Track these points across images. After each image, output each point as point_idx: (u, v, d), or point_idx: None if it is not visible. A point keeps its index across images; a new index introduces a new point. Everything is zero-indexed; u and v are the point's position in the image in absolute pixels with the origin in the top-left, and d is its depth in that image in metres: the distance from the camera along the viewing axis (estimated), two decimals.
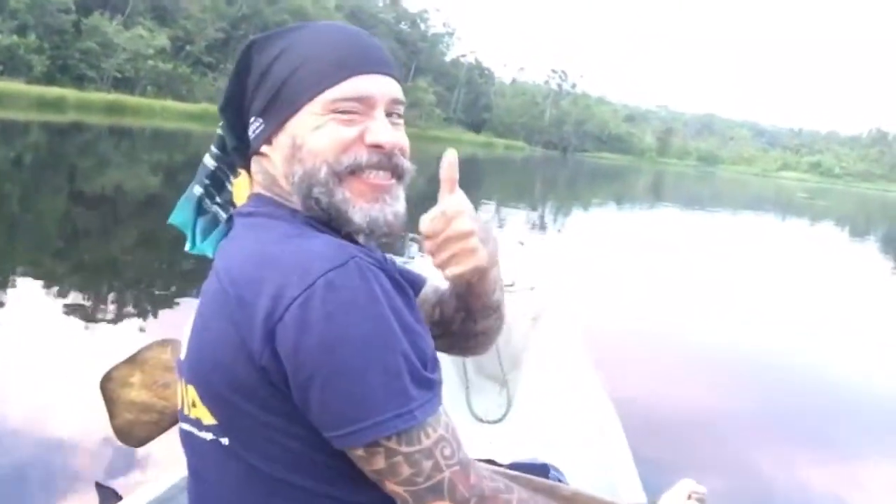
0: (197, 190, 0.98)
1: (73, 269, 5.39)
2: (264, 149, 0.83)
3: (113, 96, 35.94)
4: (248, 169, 0.89)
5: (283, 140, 0.81)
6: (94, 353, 3.17)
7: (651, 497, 1.06)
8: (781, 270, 9.85)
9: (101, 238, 6.78)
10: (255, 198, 0.86)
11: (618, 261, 8.52)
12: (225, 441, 0.76)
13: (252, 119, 0.83)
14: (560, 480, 1.09)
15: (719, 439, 3.41)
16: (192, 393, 0.79)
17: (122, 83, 42.26)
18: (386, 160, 0.80)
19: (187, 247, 1.02)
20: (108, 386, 1.85)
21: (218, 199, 0.99)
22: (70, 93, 31.53)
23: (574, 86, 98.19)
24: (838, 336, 6.02)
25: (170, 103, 39.22)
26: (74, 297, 4.47)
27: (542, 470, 1.08)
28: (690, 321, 5.94)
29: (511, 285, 2.55)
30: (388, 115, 0.82)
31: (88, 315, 4.08)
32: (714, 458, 3.16)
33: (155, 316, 4.34)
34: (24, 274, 4.94)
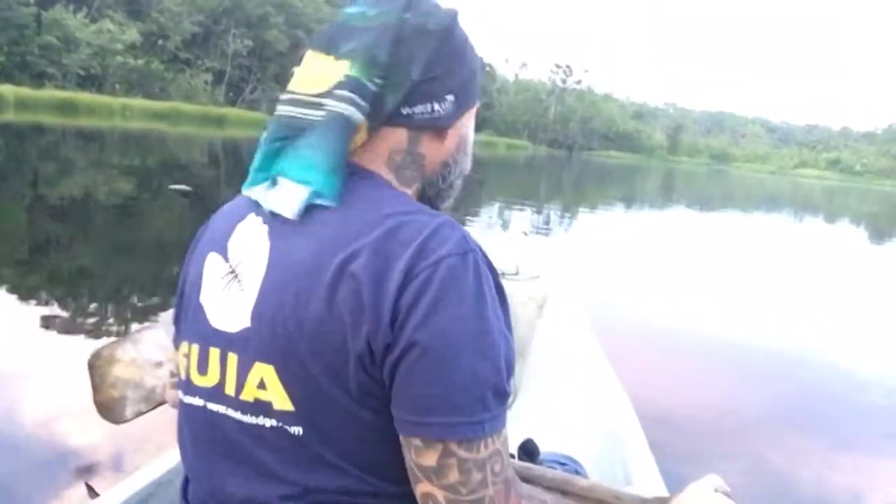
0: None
1: (45, 279, 4.98)
2: (446, 128, 0.83)
3: (66, 94, 32.91)
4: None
5: (459, 128, 0.85)
6: (71, 365, 2.81)
7: (671, 488, 1.05)
8: (806, 267, 9.94)
9: (70, 247, 6.24)
10: (367, 170, 0.80)
11: (628, 259, 8.37)
12: (297, 430, 0.73)
13: (446, 93, 0.80)
14: (578, 472, 1.15)
15: (734, 430, 3.38)
16: (260, 372, 0.73)
17: (88, 81, 39.50)
18: None
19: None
20: (96, 363, 1.82)
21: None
22: (7, 89, 28.23)
23: (579, 82, 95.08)
24: (855, 329, 6.05)
25: (134, 101, 36.31)
26: (50, 309, 4.15)
27: (569, 465, 1.13)
28: (703, 314, 5.86)
29: (515, 274, 2.66)
30: None
31: (63, 327, 3.80)
32: (730, 448, 3.15)
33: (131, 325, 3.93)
34: None
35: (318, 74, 0.78)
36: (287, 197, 0.76)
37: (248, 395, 0.74)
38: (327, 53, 0.79)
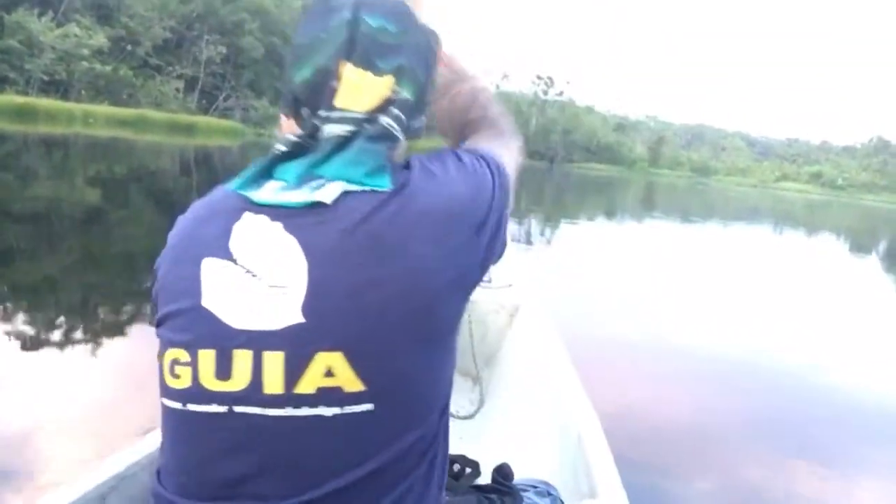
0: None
1: (7, 291, 4.81)
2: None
3: (24, 99, 31.98)
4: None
5: None
6: (34, 379, 3.11)
7: (634, 500, 1.12)
8: (783, 280, 10.03)
9: (33, 257, 5.97)
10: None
11: (603, 270, 8.55)
12: (367, 407, 0.77)
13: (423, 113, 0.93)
14: (550, 493, 1.21)
15: (701, 443, 3.41)
16: (325, 360, 0.76)
17: (52, 86, 38.72)
18: None
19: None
20: None
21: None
22: None
23: (561, 93, 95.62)
24: (830, 343, 6.11)
25: (97, 108, 35.50)
26: (12, 323, 3.94)
27: (541, 487, 1.21)
28: (676, 327, 5.88)
29: (488, 281, 2.59)
30: None
31: (27, 340, 3.68)
32: (696, 461, 3.18)
33: (104, 340, 3.83)
34: None
35: (363, 91, 0.84)
36: (326, 188, 0.80)
37: (309, 386, 0.76)
38: (365, 68, 0.84)
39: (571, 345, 2.39)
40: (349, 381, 0.76)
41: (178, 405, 0.81)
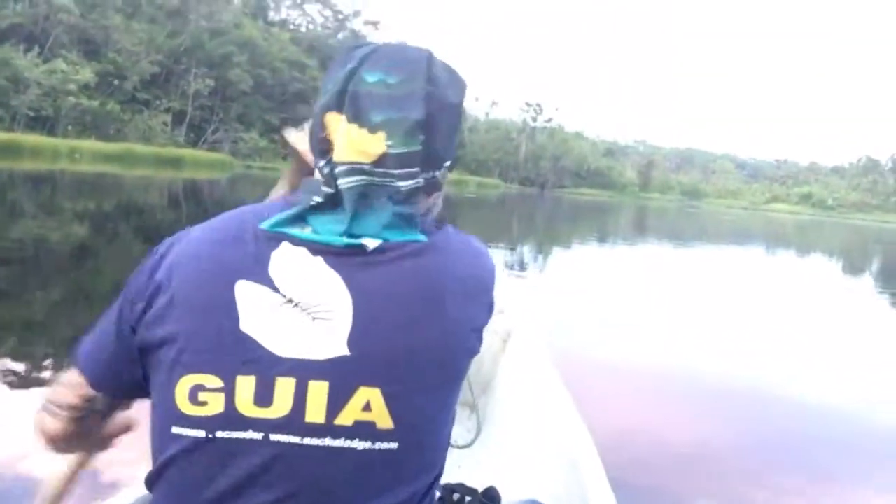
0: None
1: None
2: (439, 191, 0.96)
3: (8, 136, 31.62)
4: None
5: None
6: (23, 421, 2.23)
7: None
8: (777, 302, 10.05)
9: (20, 296, 5.76)
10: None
11: (594, 295, 8.56)
12: (393, 445, 0.79)
13: (450, 158, 0.93)
14: None
15: (695, 465, 3.39)
16: (366, 395, 0.79)
17: (38, 122, 38.63)
18: None
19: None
20: None
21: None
22: None
23: (550, 120, 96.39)
24: (822, 364, 6.08)
25: (83, 143, 35.33)
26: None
27: None
28: (669, 350, 5.85)
29: None
30: None
31: (15, 380, 3.62)
32: (691, 484, 3.15)
33: None
34: None
35: (359, 147, 0.84)
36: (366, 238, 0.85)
37: (347, 418, 0.78)
38: (361, 125, 0.84)
39: (565, 369, 2.41)
40: (382, 417, 0.78)
41: (200, 433, 0.78)
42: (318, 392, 0.77)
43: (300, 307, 0.79)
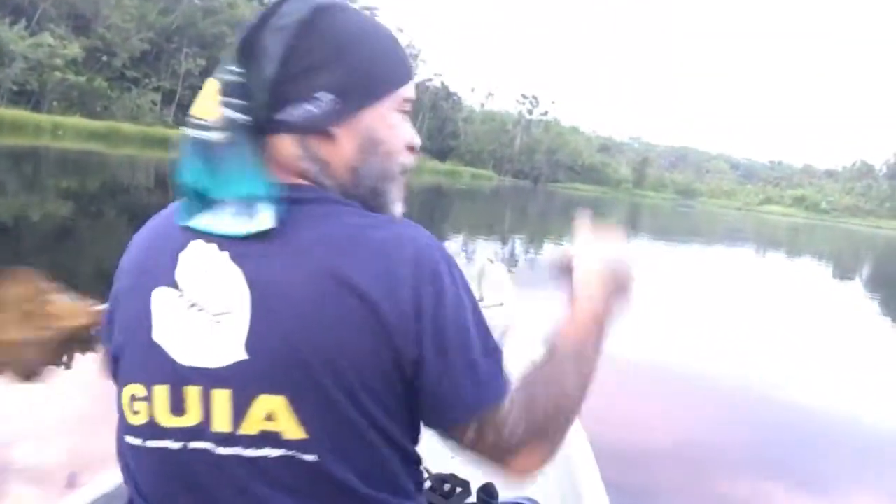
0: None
1: None
2: (333, 130, 0.78)
3: None
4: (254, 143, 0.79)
5: (358, 128, 0.79)
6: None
7: None
8: (776, 304, 10.17)
9: None
10: (295, 184, 0.79)
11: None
12: (311, 457, 0.73)
13: (319, 93, 0.77)
14: None
15: (689, 466, 3.40)
16: (267, 404, 0.72)
17: (23, 97, 37.74)
18: None
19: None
20: None
21: None
22: None
23: (546, 113, 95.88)
24: (822, 368, 6.13)
25: (67, 120, 34.55)
26: None
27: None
28: (665, 349, 5.81)
29: (480, 300, 2.70)
30: None
31: None
32: (684, 484, 3.17)
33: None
34: None
35: (202, 97, 0.80)
36: (244, 216, 0.75)
37: (251, 428, 0.73)
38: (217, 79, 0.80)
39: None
40: (290, 427, 0.72)
41: (138, 441, 0.78)
42: (223, 399, 0.73)
43: (203, 311, 0.75)
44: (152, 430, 0.76)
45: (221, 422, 0.73)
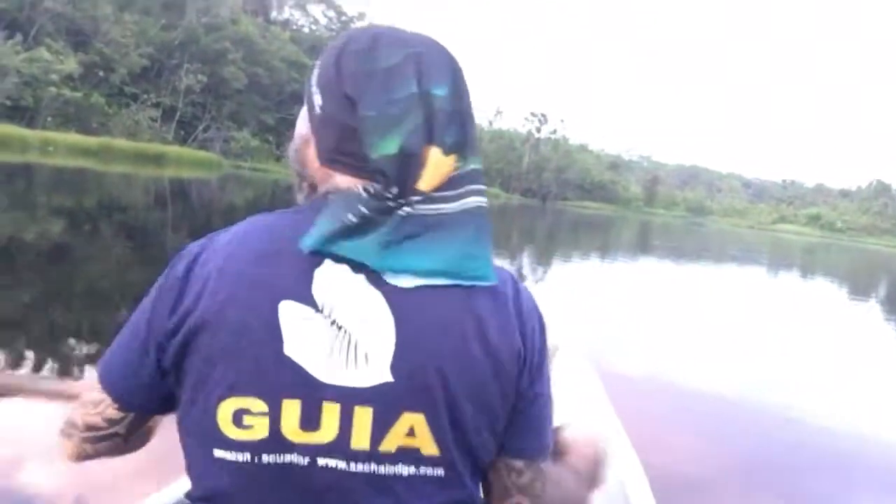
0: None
1: None
2: None
3: None
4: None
5: None
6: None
7: None
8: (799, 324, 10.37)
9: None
10: None
11: (618, 312, 8.78)
12: (439, 472, 0.80)
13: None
14: None
15: (703, 485, 3.44)
16: (409, 421, 0.78)
17: (17, 112, 36.93)
18: None
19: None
20: None
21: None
22: None
23: (554, 131, 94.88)
24: (833, 389, 6.25)
25: (58, 136, 33.62)
26: None
27: None
28: (680, 368, 5.98)
29: None
30: None
31: None
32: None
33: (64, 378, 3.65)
34: None
35: (438, 172, 0.79)
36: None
37: (391, 444, 0.77)
38: (443, 150, 0.79)
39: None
40: (427, 443, 0.78)
41: (243, 457, 0.78)
42: (364, 417, 0.77)
43: (343, 329, 0.77)
44: (274, 444, 0.77)
45: (360, 439, 0.77)
